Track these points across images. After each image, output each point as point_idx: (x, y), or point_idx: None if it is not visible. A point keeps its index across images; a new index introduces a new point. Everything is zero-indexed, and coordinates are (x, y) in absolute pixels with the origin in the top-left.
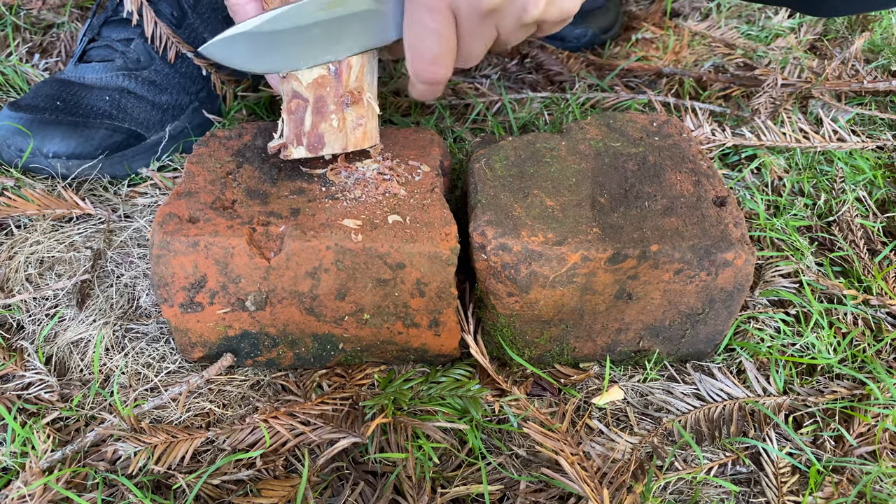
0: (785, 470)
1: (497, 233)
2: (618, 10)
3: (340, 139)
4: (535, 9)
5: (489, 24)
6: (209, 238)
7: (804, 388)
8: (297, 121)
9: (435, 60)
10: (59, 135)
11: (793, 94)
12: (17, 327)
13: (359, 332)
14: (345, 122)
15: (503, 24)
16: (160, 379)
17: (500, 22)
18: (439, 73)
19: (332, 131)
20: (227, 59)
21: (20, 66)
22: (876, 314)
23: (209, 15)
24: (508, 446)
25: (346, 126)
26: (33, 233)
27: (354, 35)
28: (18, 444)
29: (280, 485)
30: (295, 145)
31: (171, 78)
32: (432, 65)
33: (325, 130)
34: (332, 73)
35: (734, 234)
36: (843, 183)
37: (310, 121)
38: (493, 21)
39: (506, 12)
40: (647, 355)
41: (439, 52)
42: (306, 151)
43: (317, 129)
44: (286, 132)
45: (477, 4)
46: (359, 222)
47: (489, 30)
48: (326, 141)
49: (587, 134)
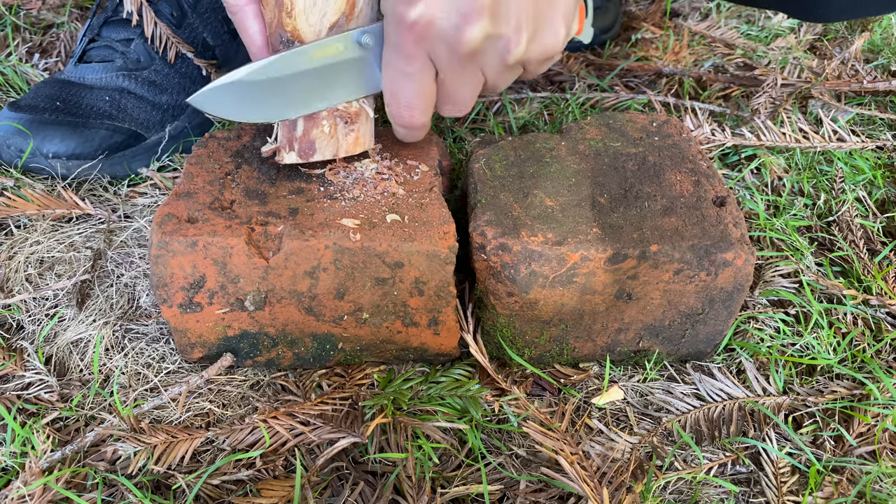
0: (785, 470)
1: (497, 233)
2: (617, 10)
3: (331, 145)
4: (517, 47)
5: (473, 68)
6: (208, 238)
7: (804, 388)
8: (289, 126)
9: (410, 106)
10: (59, 135)
11: (792, 94)
12: (16, 327)
13: (358, 332)
14: (336, 128)
15: (487, 67)
16: (160, 379)
17: (484, 65)
18: (415, 119)
19: (323, 137)
20: (217, 110)
21: (20, 66)
22: (875, 314)
23: (209, 15)
24: (508, 446)
25: (338, 132)
26: (33, 233)
27: (344, 84)
28: (18, 444)
29: (280, 485)
30: (287, 150)
31: (170, 78)
32: (408, 110)
33: (316, 136)
34: None
35: (734, 234)
36: (843, 183)
37: (301, 126)
38: (476, 65)
39: (487, 54)
40: (647, 355)
41: (414, 98)
42: (297, 157)
43: (308, 135)
44: (280, 136)
45: (455, 48)
46: (357, 222)
47: (474, 74)
48: (317, 147)
49: (587, 134)
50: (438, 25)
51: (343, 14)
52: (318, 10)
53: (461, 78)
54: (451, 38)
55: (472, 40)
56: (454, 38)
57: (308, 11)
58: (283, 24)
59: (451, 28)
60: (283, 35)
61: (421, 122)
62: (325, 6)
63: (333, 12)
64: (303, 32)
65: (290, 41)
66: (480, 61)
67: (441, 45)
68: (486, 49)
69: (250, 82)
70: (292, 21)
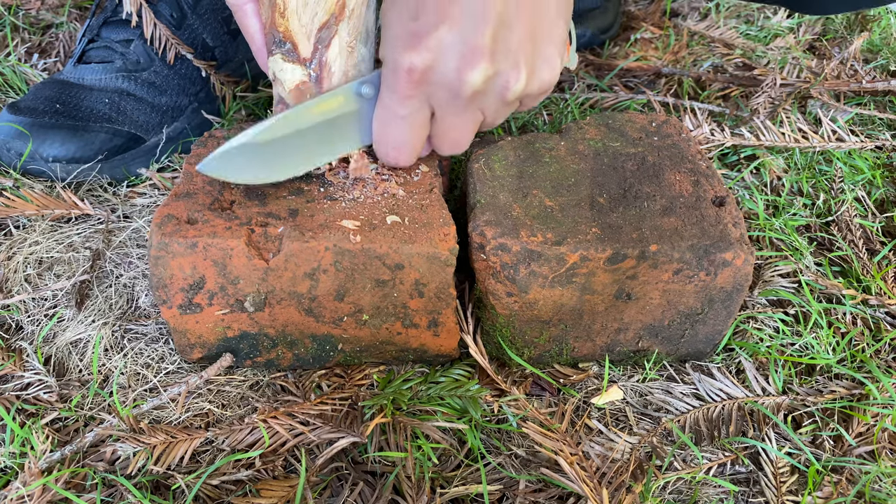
0: (784, 470)
1: (496, 233)
2: (616, 10)
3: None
4: (518, 84)
5: (473, 108)
6: (207, 239)
7: (803, 387)
8: None
9: (399, 148)
10: (59, 139)
11: (791, 93)
12: (15, 328)
13: (358, 333)
14: None
15: (487, 106)
16: (159, 379)
17: (484, 105)
18: (401, 160)
19: None
20: (226, 174)
21: (19, 66)
22: (875, 314)
23: (209, 16)
24: (508, 446)
25: None
26: (32, 233)
27: (347, 136)
28: (17, 445)
29: (279, 485)
30: None
31: (170, 79)
32: (395, 151)
33: None
34: (313, 79)
35: (733, 234)
36: (842, 183)
37: None
38: (475, 105)
39: (488, 94)
40: (647, 355)
41: (404, 139)
42: None
43: None
44: None
45: (457, 92)
46: (357, 223)
47: (474, 114)
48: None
49: (586, 134)
50: (439, 70)
51: (333, 14)
52: (310, 11)
53: (460, 119)
54: (452, 83)
55: (474, 83)
56: (455, 81)
57: (300, 12)
58: (276, 24)
59: (452, 72)
60: (275, 35)
61: (407, 163)
62: (317, 6)
63: (324, 12)
64: (294, 32)
65: (283, 41)
66: (480, 102)
67: (441, 90)
68: (486, 90)
69: (253, 145)
70: (284, 21)
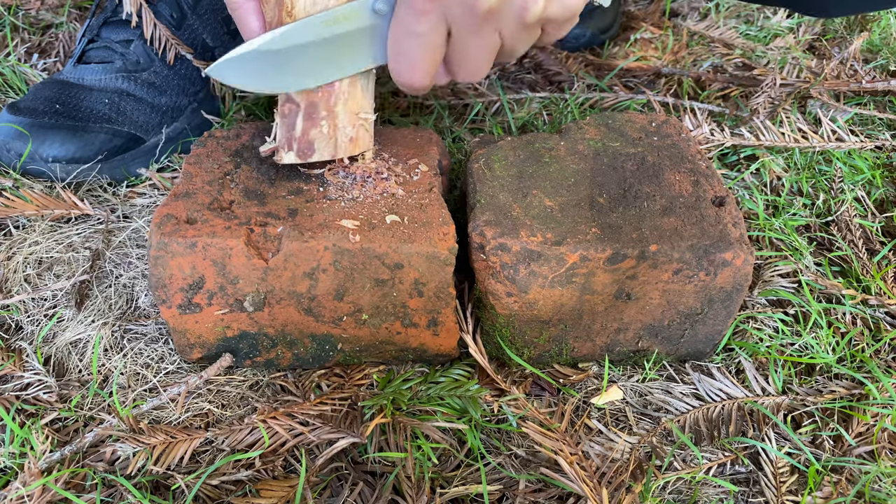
0: (784, 470)
1: (496, 233)
2: (616, 11)
3: (330, 146)
4: (536, 5)
5: (489, 29)
6: (207, 239)
7: (803, 387)
8: (288, 125)
9: (413, 66)
10: (59, 139)
11: (791, 93)
12: (15, 328)
13: (357, 333)
14: (335, 129)
15: (504, 28)
16: (159, 379)
17: (501, 26)
18: (415, 79)
19: (322, 138)
20: (234, 80)
21: (18, 66)
22: (874, 314)
23: (209, 16)
24: (507, 446)
25: (337, 133)
26: (32, 233)
27: (359, 52)
28: (17, 445)
29: (279, 485)
30: (286, 150)
31: (170, 80)
32: (409, 70)
33: (315, 137)
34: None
35: (733, 234)
36: (842, 183)
37: (300, 126)
38: (492, 26)
39: (504, 13)
40: (646, 355)
41: (419, 58)
42: (296, 157)
43: (307, 136)
44: (279, 136)
45: (472, 7)
46: (357, 222)
47: (490, 36)
48: (316, 147)
49: (586, 134)
50: None
51: None
52: (319, 10)
53: (477, 40)
54: None
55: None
56: None
57: (308, 11)
58: (283, 23)
59: None
60: None
61: (421, 84)
62: (326, 5)
63: None
64: None
65: None
66: (497, 22)
67: (457, 5)
68: (502, 9)
69: (266, 52)
70: (292, 20)
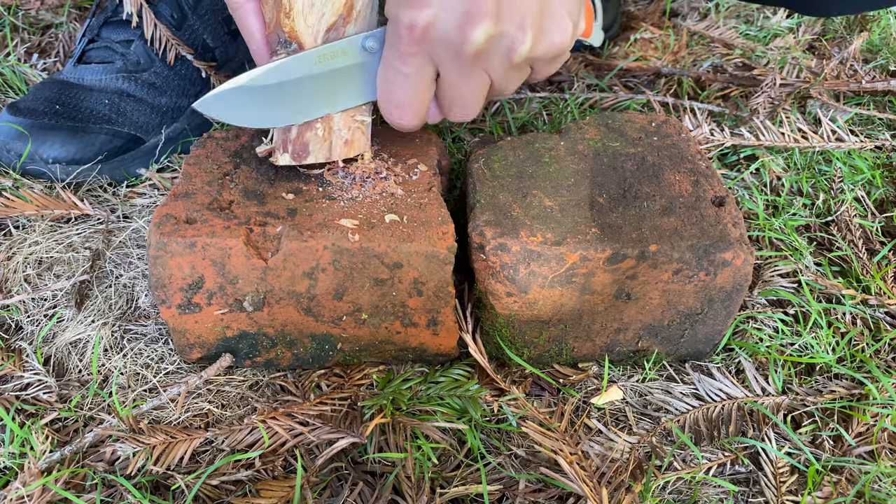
0: (784, 470)
1: (496, 233)
2: (616, 10)
3: (324, 149)
4: (523, 45)
5: (477, 70)
6: (206, 239)
7: (803, 387)
8: (284, 127)
9: (402, 107)
10: (59, 140)
11: (791, 93)
12: (15, 328)
13: (357, 332)
14: (330, 132)
15: (493, 69)
16: (159, 380)
17: (489, 66)
18: (405, 120)
19: (316, 140)
20: (222, 115)
21: (18, 66)
22: (874, 314)
23: (209, 16)
24: (507, 446)
25: (332, 136)
26: (32, 233)
27: (348, 89)
28: (17, 445)
29: (279, 485)
30: (281, 152)
31: (170, 80)
32: (399, 110)
33: (310, 139)
34: None
35: (733, 234)
36: (842, 183)
37: (296, 129)
38: (480, 66)
39: (491, 54)
40: (646, 355)
41: (407, 98)
42: (291, 159)
43: (302, 138)
44: (275, 137)
45: (459, 51)
46: (356, 222)
47: (479, 76)
48: (311, 150)
49: (586, 134)
50: (440, 27)
51: (341, 16)
52: (317, 11)
53: (466, 80)
54: (454, 40)
55: (476, 41)
56: (457, 39)
57: (306, 12)
58: (282, 24)
59: (454, 30)
60: (280, 35)
61: (411, 124)
62: (323, 7)
63: (331, 13)
64: (300, 33)
65: (288, 41)
66: (485, 63)
67: (443, 48)
68: (490, 50)
69: (254, 87)
70: (290, 21)
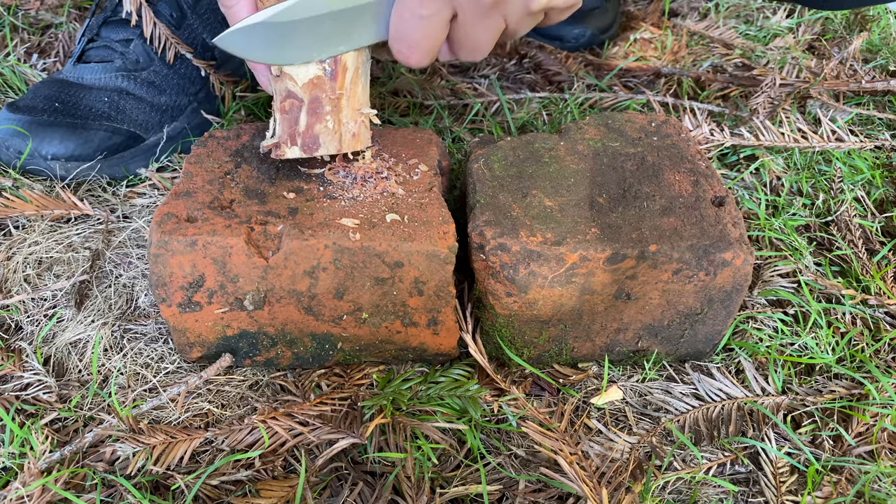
0: (783, 470)
1: (496, 233)
2: (616, 10)
3: (335, 141)
4: None
5: (495, 15)
6: (207, 237)
7: (803, 387)
8: (291, 120)
9: (413, 46)
10: (58, 137)
11: (791, 93)
12: (15, 328)
13: (357, 332)
14: (340, 124)
15: (510, 15)
16: (159, 379)
17: (507, 12)
18: (412, 59)
19: (327, 132)
20: (242, 50)
21: (18, 66)
22: (874, 314)
23: (208, 16)
24: (507, 446)
25: (341, 128)
26: (31, 233)
27: (367, 26)
28: (17, 445)
29: (279, 485)
30: (289, 145)
31: (169, 79)
32: (409, 50)
33: (320, 131)
34: (328, 74)
35: (733, 234)
36: (842, 183)
37: (305, 121)
38: (498, 12)
39: (511, 2)
40: (646, 355)
41: (420, 39)
42: (301, 151)
43: (311, 130)
44: (279, 131)
45: None
46: (357, 221)
47: (496, 21)
48: (321, 142)
49: (585, 134)
50: None
51: None
52: None
53: (482, 24)
54: None
55: None
56: None
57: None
58: None
59: None
60: None
61: (420, 63)
62: None
63: None
64: None
65: None
66: (503, 8)
67: None
68: None
69: (274, 24)
70: None
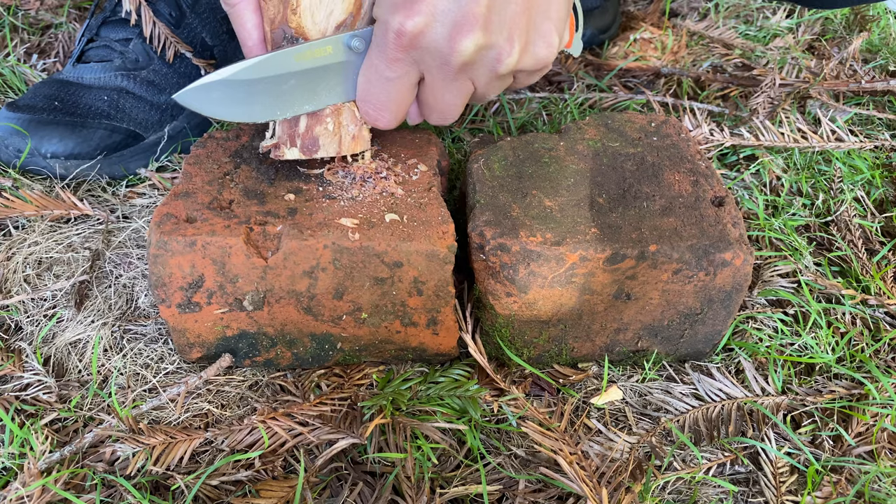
0: (783, 470)
1: (495, 233)
2: (616, 10)
3: (334, 143)
4: (510, 58)
5: (463, 78)
6: (206, 238)
7: (802, 387)
8: (291, 122)
9: (379, 109)
10: (58, 135)
11: (791, 94)
12: (15, 328)
13: (357, 332)
14: (340, 126)
15: (477, 77)
16: (158, 380)
17: (475, 75)
18: (380, 122)
19: (326, 134)
20: (203, 108)
21: (18, 66)
22: (874, 314)
23: (208, 15)
24: (507, 446)
25: (341, 130)
26: (31, 233)
27: (332, 87)
28: (17, 446)
29: (278, 485)
30: (288, 146)
31: (169, 78)
32: (376, 112)
33: (319, 133)
34: None
35: (732, 234)
36: (842, 183)
37: (304, 123)
38: (466, 75)
39: (478, 65)
40: (646, 355)
41: (387, 101)
42: (300, 153)
43: (311, 132)
44: (279, 132)
45: (447, 60)
46: (356, 221)
47: (464, 84)
48: (321, 144)
49: (585, 134)
50: (430, 36)
51: (350, 14)
52: (325, 8)
53: (449, 87)
54: (442, 49)
55: (465, 52)
56: (446, 49)
57: (314, 9)
58: (288, 20)
59: (443, 39)
60: (287, 31)
61: (388, 125)
62: (332, 4)
63: (340, 12)
64: (307, 30)
65: (295, 37)
66: (471, 72)
67: (430, 56)
68: (477, 60)
69: (237, 81)
70: (297, 17)
